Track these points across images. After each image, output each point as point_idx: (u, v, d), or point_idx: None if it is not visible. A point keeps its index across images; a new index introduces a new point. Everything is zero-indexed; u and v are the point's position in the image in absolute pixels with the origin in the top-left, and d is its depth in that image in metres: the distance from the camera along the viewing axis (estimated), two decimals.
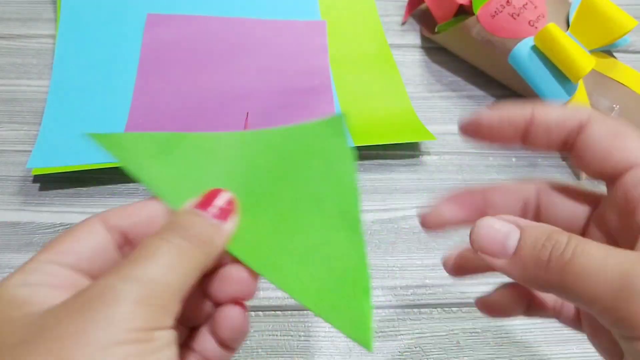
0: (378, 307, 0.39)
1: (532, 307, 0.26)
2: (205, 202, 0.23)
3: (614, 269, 0.19)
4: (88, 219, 0.23)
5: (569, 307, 0.26)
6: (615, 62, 0.47)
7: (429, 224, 0.25)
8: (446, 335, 0.38)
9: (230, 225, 0.22)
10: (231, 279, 0.23)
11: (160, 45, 0.51)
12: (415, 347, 0.38)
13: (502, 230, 0.22)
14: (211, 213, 0.22)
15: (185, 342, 0.24)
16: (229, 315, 0.23)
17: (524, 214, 0.25)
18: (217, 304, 0.23)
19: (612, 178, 0.22)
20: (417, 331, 0.38)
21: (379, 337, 0.38)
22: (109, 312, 0.18)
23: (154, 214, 0.23)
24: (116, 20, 0.53)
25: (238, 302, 0.23)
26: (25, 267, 0.21)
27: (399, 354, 0.37)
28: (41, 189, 0.43)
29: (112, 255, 0.22)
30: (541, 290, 0.22)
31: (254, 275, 0.23)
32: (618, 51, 0.50)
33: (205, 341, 0.23)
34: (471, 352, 0.38)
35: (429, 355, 0.38)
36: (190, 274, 0.20)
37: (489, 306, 0.25)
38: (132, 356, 0.18)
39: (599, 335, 0.24)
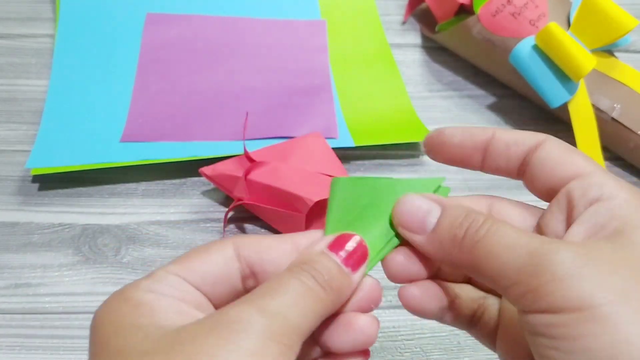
0: (378, 308, 0.39)
1: (446, 312, 0.25)
2: (339, 244, 0.22)
3: (523, 247, 0.20)
4: (222, 241, 0.23)
5: (489, 318, 0.26)
6: (616, 62, 0.47)
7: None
8: (447, 335, 0.38)
9: (359, 275, 0.22)
10: (352, 326, 0.22)
11: (160, 44, 0.51)
12: (416, 348, 0.38)
13: (423, 207, 0.23)
14: (342, 258, 0.22)
15: None
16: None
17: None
18: (330, 353, 0.23)
19: (558, 190, 0.23)
20: (417, 331, 0.38)
21: (380, 337, 0.38)
22: (242, 341, 0.18)
23: (287, 252, 0.23)
24: (115, 19, 0.53)
25: (363, 352, 0.23)
26: (152, 275, 0.21)
27: (399, 354, 0.37)
28: (40, 189, 0.43)
29: (235, 284, 0.22)
30: (456, 269, 0.23)
31: (376, 321, 0.22)
32: (619, 50, 0.50)
33: None
34: (472, 352, 0.38)
35: (429, 355, 0.37)
36: (315, 318, 0.20)
37: (405, 296, 0.24)
38: None
39: (512, 352, 0.24)
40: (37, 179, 0.43)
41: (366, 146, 0.46)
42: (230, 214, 0.42)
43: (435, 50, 0.55)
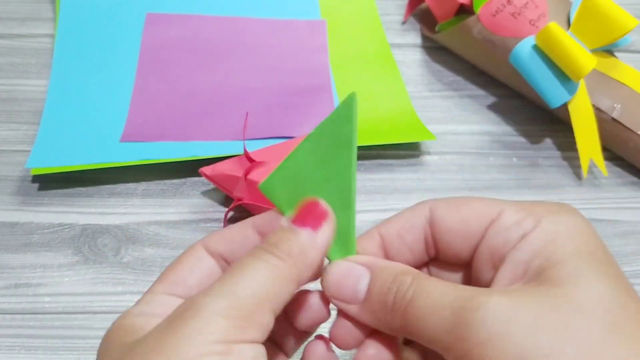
0: None
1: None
2: (299, 215, 0.22)
3: (447, 307, 0.19)
4: (192, 247, 0.23)
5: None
6: (616, 62, 0.47)
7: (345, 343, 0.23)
8: None
9: (323, 234, 0.22)
10: (306, 304, 0.23)
11: (160, 44, 0.51)
12: None
13: (352, 273, 0.22)
14: (296, 223, 0.22)
15: None
16: (316, 353, 0.23)
17: (426, 247, 0.24)
18: (300, 332, 0.24)
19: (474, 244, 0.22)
20: None
21: None
22: (192, 326, 0.18)
23: (251, 237, 0.23)
24: (115, 19, 0.53)
25: (323, 338, 0.23)
26: (143, 299, 0.22)
27: None
28: (40, 189, 0.43)
29: (216, 277, 0.22)
30: (393, 334, 0.22)
31: (325, 299, 0.23)
32: (619, 50, 0.50)
33: None
34: None
35: None
36: (281, 288, 0.20)
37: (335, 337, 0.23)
38: None
39: None
40: (37, 179, 0.43)
41: (366, 146, 0.46)
42: (230, 214, 0.42)
43: (435, 50, 0.55)
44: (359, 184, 0.45)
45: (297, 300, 0.23)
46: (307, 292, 0.23)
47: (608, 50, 0.48)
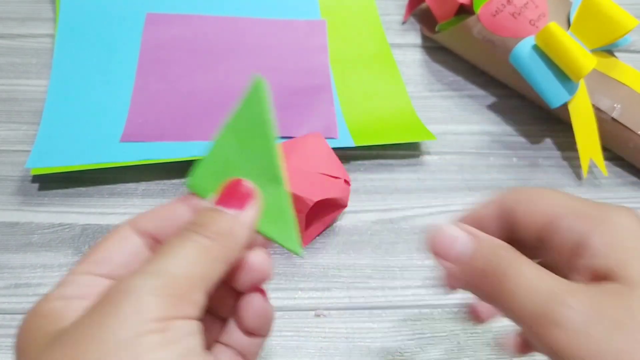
0: (379, 308, 0.39)
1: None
2: (223, 195, 0.22)
3: (540, 294, 0.21)
4: (119, 225, 0.23)
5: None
6: (616, 62, 0.47)
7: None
8: (447, 335, 0.38)
9: (249, 213, 0.22)
10: (247, 265, 0.23)
11: (160, 44, 0.51)
12: (416, 348, 0.38)
13: (457, 237, 0.24)
14: (221, 203, 0.22)
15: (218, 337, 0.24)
16: (252, 303, 0.24)
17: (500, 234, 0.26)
18: (236, 294, 0.24)
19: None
20: (417, 331, 0.38)
21: (380, 337, 0.38)
22: (126, 307, 0.18)
23: (181, 214, 0.23)
24: (115, 19, 0.53)
25: (258, 288, 0.24)
26: (62, 281, 0.21)
27: (399, 354, 0.37)
28: (40, 189, 0.43)
29: (146, 257, 0.22)
30: (483, 300, 0.23)
31: (268, 258, 0.23)
32: (619, 50, 0.50)
33: (233, 333, 0.24)
34: (472, 352, 0.38)
35: (429, 355, 0.37)
36: (213, 267, 0.20)
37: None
38: (150, 347, 0.18)
39: None
40: (37, 179, 0.43)
41: (366, 146, 0.46)
42: None
43: (435, 50, 0.55)
44: (359, 183, 0.45)
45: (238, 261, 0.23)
46: (247, 252, 0.23)
47: (608, 50, 0.48)
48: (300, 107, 0.48)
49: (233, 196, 0.22)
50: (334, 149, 0.42)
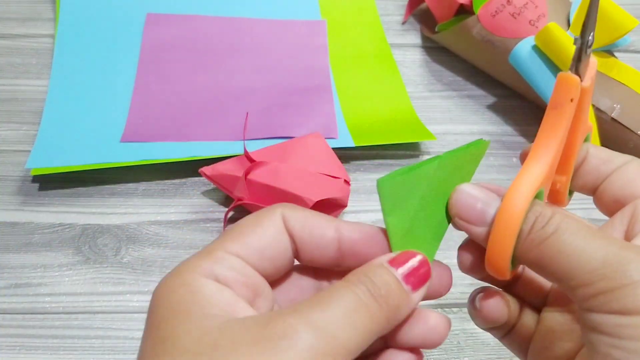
0: None
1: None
2: (402, 260, 0.21)
3: (598, 250, 0.19)
4: (272, 213, 0.22)
5: (522, 327, 0.26)
6: (615, 62, 0.47)
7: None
8: None
9: (418, 296, 0.21)
10: (425, 322, 0.22)
11: (160, 44, 0.51)
12: None
13: (481, 197, 0.22)
14: (403, 275, 0.21)
15: None
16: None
17: None
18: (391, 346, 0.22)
19: (624, 205, 0.24)
20: None
21: None
22: (282, 353, 0.17)
23: (329, 239, 0.22)
24: (115, 20, 0.53)
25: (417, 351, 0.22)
26: (213, 254, 0.20)
27: None
28: (40, 189, 0.43)
29: (289, 255, 0.22)
30: (516, 263, 0.22)
31: (447, 321, 0.22)
32: (619, 51, 0.50)
33: None
34: (472, 352, 0.38)
35: (429, 355, 0.37)
36: (366, 335, 0.19)
37: (484, 307, 0.25)
38: None
39: None
40: (37, 179, 0.43)
41: (366, 146, 0.46)
42: (231, 214, 0.42)
43: (435, 50, 0.55)
44: (360, 184, 0.45)
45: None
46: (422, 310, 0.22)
47: (608, 50, 0.48)
48: (300, 107, 0.48)
49: (413, 272, 0.21)
50: (334, 149, 0.42)
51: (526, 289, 0.27)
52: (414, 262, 0.21)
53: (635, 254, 0.19)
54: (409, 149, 0.47)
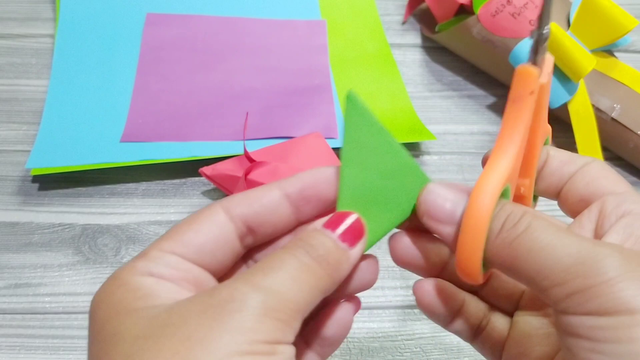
0: (379, 308, 0.39)
1: (454, 317, 0.26)
2: (335, 222, 0.22)
3: (571, 247, 0.19)
4: (211, 206, 0.22)
5: (493, 330, 0.26)
6: (616, 62, 0.47)
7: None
8: (447, 335, 0.38)
9: (357, 251, 0.22)
10: (359, 270, 0.22)
11: (160, 44, 0.51)
12: (416, 348, 0.38)
13: (450, 197, 0.22)
14: (339, 235, 0.21)
15: None
16: (339, 313, 0.23)
17: None
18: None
19: (590, 203, 0.24)
20: (417, 331, 0.38)
21: (380, 337, 0.38)
22: (236, 321, 0.18)
23: (275, 201, 0.22)
24: (115, 19, 0.53)
25: (354, 297, 0.23)
26: (148, 254, 0.20)
27: (399, 354, 0.37)
28: (40, 189, 0.43)
29: (234, 246, 0.22)
30: (487, 265, 0.21)
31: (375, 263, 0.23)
32: (619, 51, 0.50)
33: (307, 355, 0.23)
34: (472, 352, 0.38)
35: (429, 355, 0.37)
36: (312, 294, 0.20)
37: (419, 292, 0.25)
38: None
39: None
40: (37, 179, 0.43)
41: None
42: None
43: (435, 50, 0.55)
44: None
45: None
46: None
47: (608, 51, 0.48)
48: (300, 107, 0.48)
49: (347, 231, 0.21)
50: (334, 149, 0.42)
51: (496, 293, 0.26)
52: (347, 222, 0.22)
53: (610, 250, 0.18)
54: (409, 149, 0.47)
